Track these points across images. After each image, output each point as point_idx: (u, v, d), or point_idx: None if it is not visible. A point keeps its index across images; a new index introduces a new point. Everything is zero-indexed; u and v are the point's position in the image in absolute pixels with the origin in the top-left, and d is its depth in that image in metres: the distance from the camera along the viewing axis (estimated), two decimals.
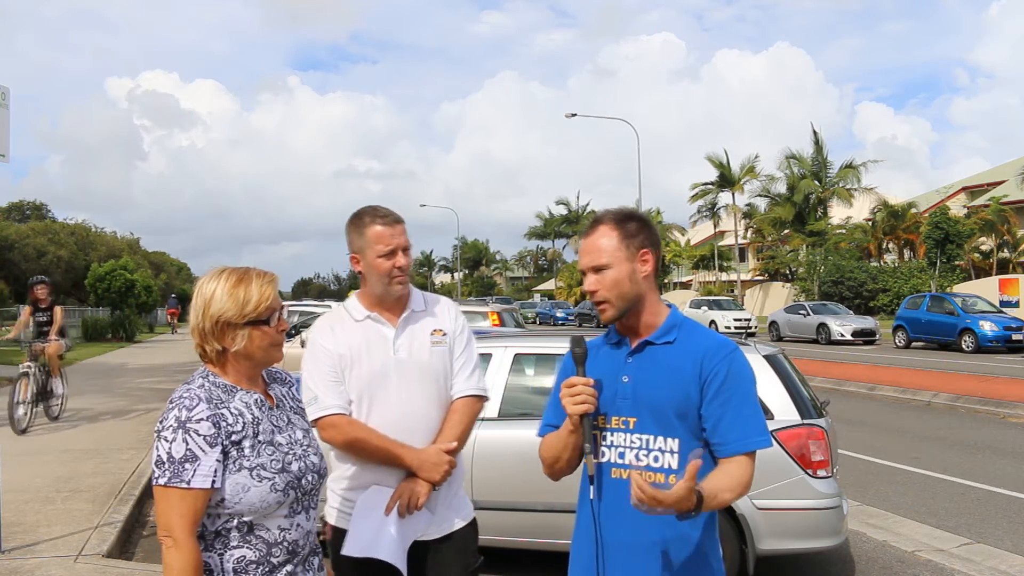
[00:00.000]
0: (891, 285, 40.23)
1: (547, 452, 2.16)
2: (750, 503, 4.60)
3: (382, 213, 2.65)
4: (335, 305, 2.83)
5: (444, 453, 2.60)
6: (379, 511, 2.52)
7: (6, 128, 5.64)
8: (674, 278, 65.90)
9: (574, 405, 2.00)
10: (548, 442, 2.16)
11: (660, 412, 2.03)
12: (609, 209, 2.18)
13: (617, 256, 2.07)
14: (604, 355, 2.16)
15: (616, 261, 2.06)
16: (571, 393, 2.00)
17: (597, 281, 2.07)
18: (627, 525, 2.03)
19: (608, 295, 2.06)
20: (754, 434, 2.03)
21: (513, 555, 5.19)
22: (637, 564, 2.03)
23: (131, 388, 15.41)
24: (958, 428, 10.86)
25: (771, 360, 5.09)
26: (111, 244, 53.84)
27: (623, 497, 2.02)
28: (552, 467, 2.16)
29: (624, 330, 2.14)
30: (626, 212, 2.14)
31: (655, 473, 2.02)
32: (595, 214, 2.19)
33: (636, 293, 2.08)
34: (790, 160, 48.53)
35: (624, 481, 2.03)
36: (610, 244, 2.07)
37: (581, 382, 2.01)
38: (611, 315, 2.08)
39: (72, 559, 5.11)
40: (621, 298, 2.06)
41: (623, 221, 2.11)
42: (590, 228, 2.13)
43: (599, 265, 2.07)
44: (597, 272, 2.07)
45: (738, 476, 2.00)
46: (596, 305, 2.10)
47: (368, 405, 2.61)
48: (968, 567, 5.38)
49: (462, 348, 2.76)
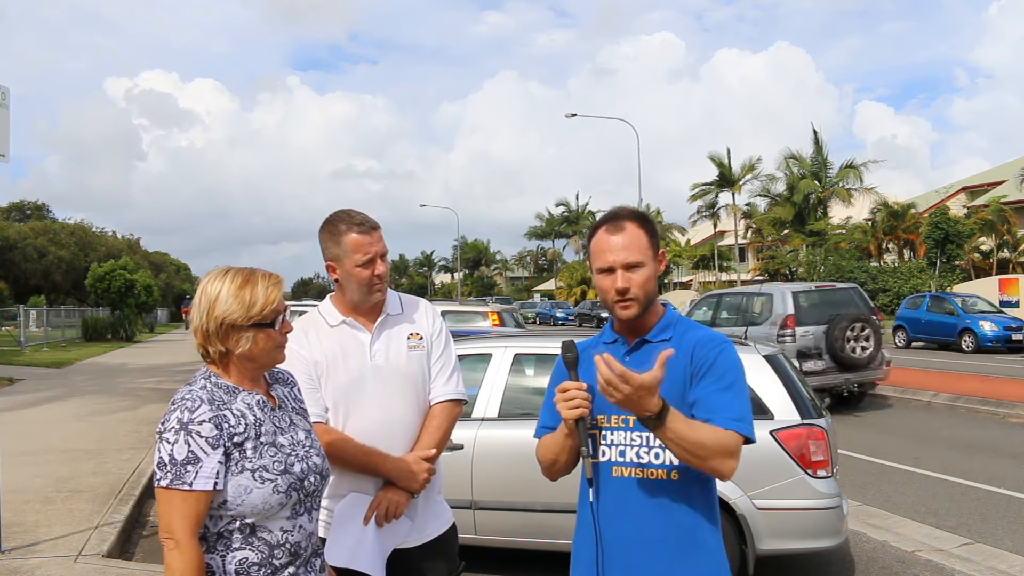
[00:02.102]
0: (891, 285, 40.19)
1: (544, 454, 2.18)
2: (750, 503, 4.60)
3: (358, 220, 2.57)
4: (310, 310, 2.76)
5: (423, 461, 2.56)
6: (358, 520, 2.49)
7: (6, 128, 5.63)
8: (674, 278, 65.82)
9: (569, 410, 2.00)
10: (545, 444, 2.18)
11: None
12: (625, 207, 2.17)
13: (648, 255, 2.10)
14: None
15: (648, 260, 2.09)
16: (565, 398, 2.01)
17: (630, 279, 2.07)
18: (627, 523, 2.04)
19: (638, 292, 2.07)
20: (738, 418, 1.97)
21: (513, 555, 5.20)
22: (637, 561, 2.03)
23: (131, 388, 15.41)
24: (958, 428, 10.86)
25: (771, 360, 5.10)
26: (111, 244, 53.82)
27: (624, 495, 2.04)
28: (550, 469, 2.18)
29: (622, 329, 2.16)
30: (643, 212, 2.16)
31: (657, 470, 2.03)
32: (610, 210, 2.17)
33: (655, 293, 2.12)
34: (790, 160, 48.51)
35: (625, 479, 2.04)
36: (643, 242, 2.09)
37: (574, 387, 2.01)
38: (634, 312, 2.08)
39: (72, 559, 5.11)
40: (647, 297, 2.09)
41: (646, 221, 2.13)
42: (616, 225, 2.10)
43: (633, 263, 2.07)
44: (629, 269, 2.07)
45: (717, 435, 1.92)
46: (621, 302, 2.07)
47: (345, 412, 2.56)
48: (968, 567, 5.38)
49: (440, 352, 2.71)
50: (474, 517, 4.92)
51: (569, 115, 38.22)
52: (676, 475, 2.02)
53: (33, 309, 32.92)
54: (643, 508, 2.03)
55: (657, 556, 2.02)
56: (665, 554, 2.02)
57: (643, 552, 2.03)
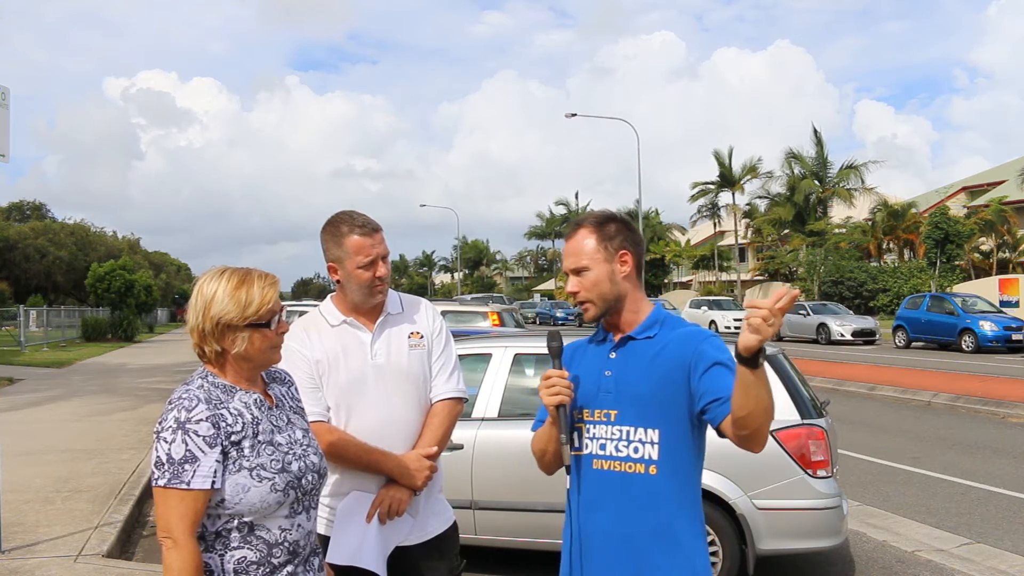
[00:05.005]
0: (891, 285, 40.21)
1: (536, 445, 2.25)
2: (750, 503, 4.60)
3: (360, 222, 2.58)
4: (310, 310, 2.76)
5: (424, 458, 2.57)
6: (360, 518, 2.50)
7: (6, 128, 5.63)
8: (674, 278, 65.86)
9: (549, 397, 2.06)
10: (537, 436, 2.24)
11: (641, 403, 2.07)
12: (591, 212, 2.27)
13: (595, 258, 2.14)
14: (590, 352, 2.23)
15: (594, 263, 2.14)
16: (547, 386, 2.08)
17: (578, 283, 2.16)
18: (605, 515, 2.07)
19: (589, 295, 2.14)
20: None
21: (513, 555, 5.19)
22: (612, 554, 2.06)
23: (131, 388, 15.41)
24: (958, 428, 10.86)
25: (771, 360, 5.09)
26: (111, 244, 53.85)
27: (604, 488, 2.09)
28: (541, 459, 2.26)
29: (609, 327, 2.21)
30: (606, 215, 2.21)
31: (636, 464, 2.06)
32: (576, 217, 2.26)
33: (616, 293, 2.14)
34: (791, 159, 48.51)
35: (606, 472, 2.09)
36: (589, 247, 2.15)
37: (556, 375, 2.08)
38: (593, 314, 2.16)
39: (72, 559, 5.11)
40: (601, 298, 2.14)
41: (602, 224, 2.18)
42: (570, 231, 2.21)
43: (579, 267, 2.15)
44: (578, 274, 2.16)
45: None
46: (579, 305, 2.17)
47: (347, 412, 2.57)
48: (968, 567, 5.37)
49: (440, 350, 2.73)
50: (474, 517, 4.92)
51: (569, 115, 38.27)
52: (655, 470, 2.05)
53: (33, 309, 32.93)
54: (620, 502, 2.06)
55: (632, 550, 2.04)
56: (640, 548, 2.04)
57: (619, 545, 2.06)
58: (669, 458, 2.05)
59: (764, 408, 1.88)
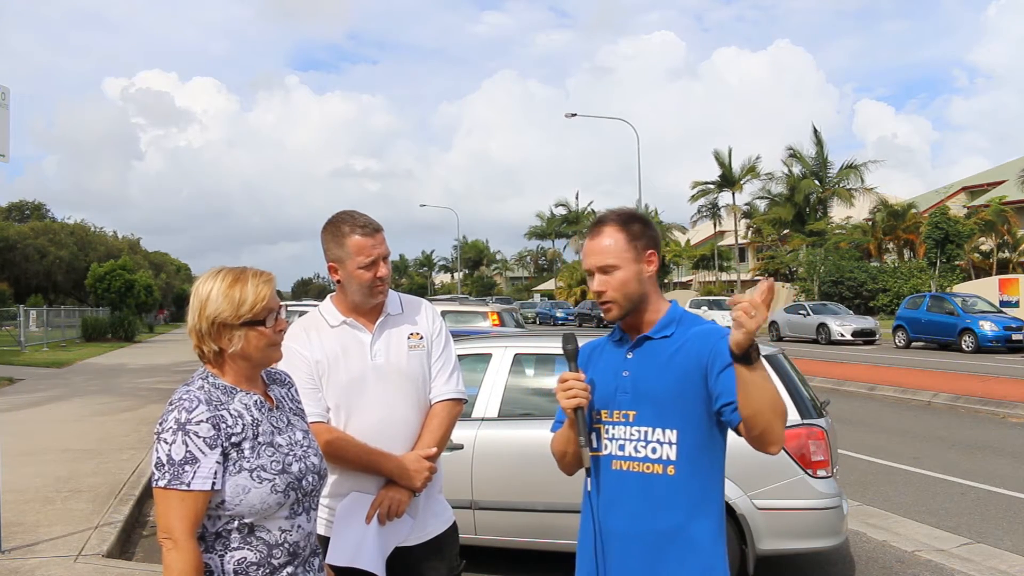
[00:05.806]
0: (891, 285, 40.19)
1: (556, 447, 2.24)
2: (750, 503, 4.60)
3: (361, 222, 2.57)
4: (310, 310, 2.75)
5: (424, 459, 2.57)
6: (360, 519, 2.50)
7: (6, 128, 5.64)
8: (674, 278, 65.84)
9: (567, 400, 2.06)
10: (556, 437, 2.24)
11: (659, 403, 2.06)
12: (612, 210, 2.21)
13: (624, 257, 2.11)
14: (607, 353, 2.22)
15: (623, 262, 2.11)
16: (564, 388, 2.07)
17: (605, 282, 2.11)
18: (623, 515, 2.07)
19: (615, 295, 2.11)
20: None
21: (513, 555, 5.19)
22: (633, 553, 2.05)
23: (131, 388, 15.41)
24: (958, 428, 10.86)
25: (771, 360, 5.09)
26: (111, 244, 53.84)
27: (622, 488, 2.08)
28: (561, 461, 2.24)
29: (627, 328, 2.19)
30: (629, 213, 2.19)
31: (654, 464, 2.05)
32: (598, 215, 2.21)
33: (641, 293, 2.12)
34: (791, 159, 48.49)
35: (624, 472, 2.08)
36: (617, 245, 2.12)
37: (573, 377, 2.07)
38: (616, 314, 2.13)
39: (72, 559, 5.11)
40: (627, 298, 2.11)
41: (628, 222, 2.15)
42: (595, 229, 2.16)
43: (607, 266, 2.11)
44: (605, 273, 2.11)
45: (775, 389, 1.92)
46: (601, 304, 2.14)
47: (346, 412, 2.57)
48: (968, 567, 5.37)
49: (440, 351, 2.73)
50: (474, 517, 4.92)
51: (569, 115, 38.26)
52: (673, 470, 2.04)
53: (33, 309, 32.94)
54: (638, 501, 2.05)
55: (649, 549, 2.04)
56: (656, 548, 2.03)
57: (636, 545, 2.05)
58: (687, 458, 2.04)
59: (770, 406, 1.87)
